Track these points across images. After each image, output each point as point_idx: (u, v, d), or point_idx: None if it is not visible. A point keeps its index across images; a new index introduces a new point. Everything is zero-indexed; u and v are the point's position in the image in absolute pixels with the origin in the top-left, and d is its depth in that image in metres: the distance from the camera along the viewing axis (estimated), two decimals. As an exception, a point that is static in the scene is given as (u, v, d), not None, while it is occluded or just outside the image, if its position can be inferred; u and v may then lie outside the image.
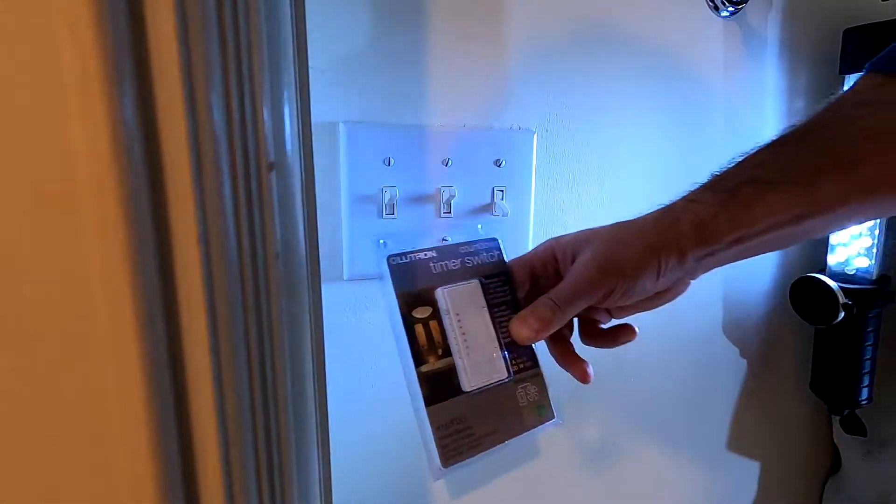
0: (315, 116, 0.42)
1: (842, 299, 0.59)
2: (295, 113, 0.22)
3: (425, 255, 0.35)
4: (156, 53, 0.17)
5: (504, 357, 0.36)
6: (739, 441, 0.70)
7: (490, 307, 0.36)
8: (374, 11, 0.43)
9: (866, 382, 0.63)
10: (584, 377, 0.38)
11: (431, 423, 0.33)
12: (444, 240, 0.38)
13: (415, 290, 0.34)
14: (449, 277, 0.35)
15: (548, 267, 0.38)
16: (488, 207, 0.48)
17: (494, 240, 0.38)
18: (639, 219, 0.36)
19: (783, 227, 0.33)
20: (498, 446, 0.34)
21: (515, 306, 0.36)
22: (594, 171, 0.53)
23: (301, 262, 0.24)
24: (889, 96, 0.32)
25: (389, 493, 0.50)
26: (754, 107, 0.61)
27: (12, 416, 0.18)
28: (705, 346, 0.65)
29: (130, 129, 0.16)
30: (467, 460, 0.33)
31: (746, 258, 0.36)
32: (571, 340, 0.39)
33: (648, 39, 0.53)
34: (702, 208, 0.34)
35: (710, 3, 0.55)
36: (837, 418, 0.70)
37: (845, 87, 0.61)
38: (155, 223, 0.17)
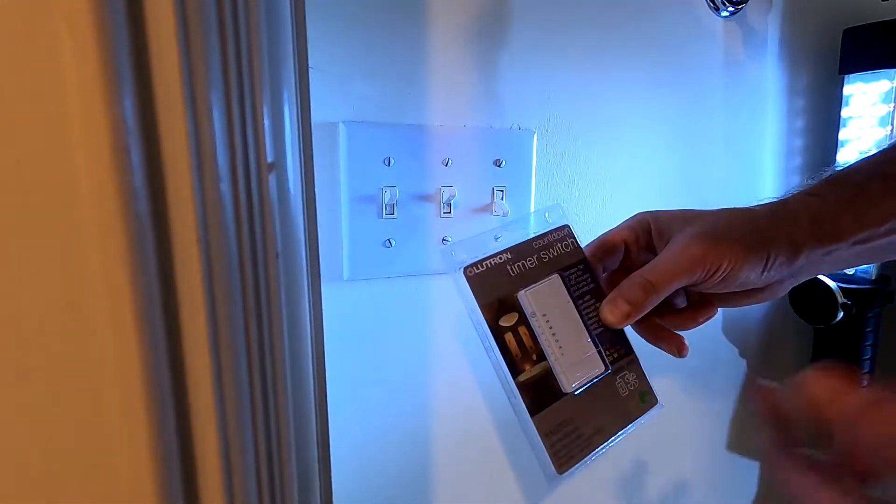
0: (315, 116, 0.42)
1: (841, 299, 0.59)
2: (295, 113, 0.22)
3: (500, 258, 0.34)
4: (156, 53, 0.17)
5: (598, 350, 0.34)
6: (739, 441, 0.70)
7: (574, 300, 0.34)
8: (374, 11, 0.43)
9: (865, 383, 0.63)
10: (681, 349, 0.35)
11: (539, 432, 0.31)
12: (496, 238, 0.35)
13: (496, 298, 0.33)
14: (528, 277, 0.34)
15: (640, 240, 0.35)
16: (488, 207, 0.48)
17: (566, 227, 0.36)
18: (749, 207, 0.33)
19: None
20: (608, 442, 0.33)
21: (599, 294, 0.35)
22: (594, 171, 0.53)
23: (301, 262, 0.24)
24: None
25: (389, 494, 0.50)
26: (754, 107, 0.61)
27: (12, 416, 0.18)
28: (705, 345, 0.65)
29: (130, 130, 0.16)
30: (581, 463, 0.32)
31: (863, 264, 0.33)
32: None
33: (648, 39, 0.53)
34: (823, 203, 0.31)
35: (710, 3, 0.55)
36: (837, 418, 0.70)
37: (844, 87, 0.61)
38: (155, 223, 0.17)
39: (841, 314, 0.59)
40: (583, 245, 0.36)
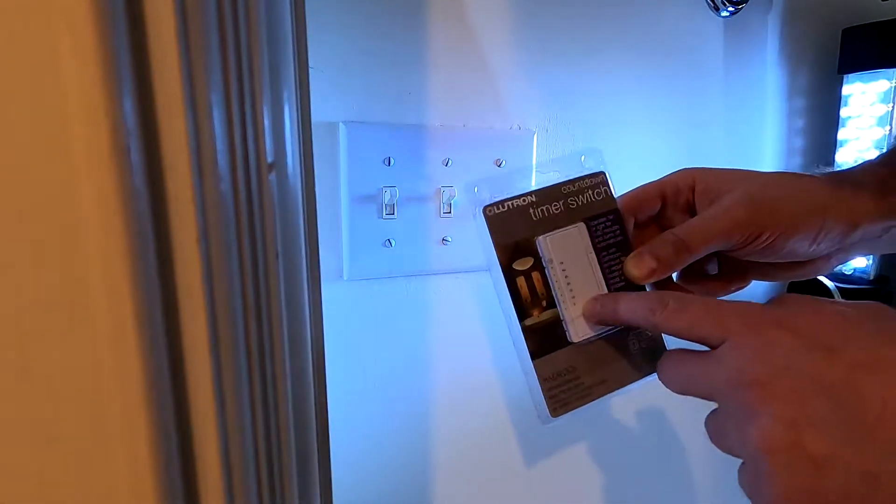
0: (315, 116, 0.42)
1: (838, 299, 0.59)
2: (295, 113, 0.22)
3: (524, 200, 0.33)
4: (156, 53, 0.17)
5: None
6: (739, 441, 0.70)
7: (598, 251, 0.33)
8: (374, 11, 0.43)
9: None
10: None
11: (539, 376, 0.31)
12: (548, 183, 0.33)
13: (514, 240, 0.32)
14: (551, 223, 0.33)
15: (680, 196, 0.33)
16: (488, 207, 0.48)
17: (601, 174, 0.34)
18: (808, 174, 0.31)
19: None
20: (609, 394, 0.33)
21: (626, 248, 0.33)
22: (594, 171, 0.53)
23: (301, 262, 0.24)
24: None
25: (390, 493, 0.50)
26: (754, 106, 0.61)
27: (11, 416, 0.18)
28: (705, 345, 0.65)
29: (130, 130, 0.16)
30: (576, 410, 0.32)
31: None
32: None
33: (648, 39, 0.53)
34: (891, 173, 0.29)
35: (710, 3, 0.55)
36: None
37: (843, 87, 0.61)
38: (155, 223, 0.17)
39: (840, 314, 0.59)
40: (617, 195, 0.35)
